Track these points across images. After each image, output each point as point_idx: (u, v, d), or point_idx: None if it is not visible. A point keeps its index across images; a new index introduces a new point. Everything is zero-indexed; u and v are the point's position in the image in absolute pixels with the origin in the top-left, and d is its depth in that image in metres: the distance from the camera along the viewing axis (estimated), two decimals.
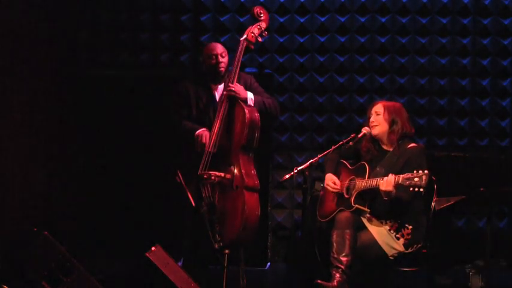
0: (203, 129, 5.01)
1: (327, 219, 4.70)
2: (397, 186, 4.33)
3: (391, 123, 4.68)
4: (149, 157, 6.30)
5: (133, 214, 6.31)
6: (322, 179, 4.92)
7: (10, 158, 5.48)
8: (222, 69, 5.09)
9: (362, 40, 6.76)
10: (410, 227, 4.55)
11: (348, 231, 4.44)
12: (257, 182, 4.98)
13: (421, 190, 4.22)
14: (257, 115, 5.00)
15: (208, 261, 5.19)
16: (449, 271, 5.64)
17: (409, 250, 4.54)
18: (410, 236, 4.53)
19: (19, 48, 5.64)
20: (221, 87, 5.13)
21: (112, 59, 6.73)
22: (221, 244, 4.80)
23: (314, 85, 6.78)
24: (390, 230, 4.54)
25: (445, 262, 5.63)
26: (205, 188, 4.92)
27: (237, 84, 5.03)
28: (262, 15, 5.13)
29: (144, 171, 6.33)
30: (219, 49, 5.10)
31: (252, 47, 5.12)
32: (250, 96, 5.06)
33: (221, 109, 5.00)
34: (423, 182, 4.18)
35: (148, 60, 6.76)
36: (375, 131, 4.71)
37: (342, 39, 6.76)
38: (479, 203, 5.75)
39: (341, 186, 4.74)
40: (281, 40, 6.77)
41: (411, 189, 4.23)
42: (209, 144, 4.96)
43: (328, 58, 6.77)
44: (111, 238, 6.24)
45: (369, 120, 4.75)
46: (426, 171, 4.21)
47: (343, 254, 4.40)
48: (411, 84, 6.77)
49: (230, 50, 5.22)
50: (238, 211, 4.82)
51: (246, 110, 4.94)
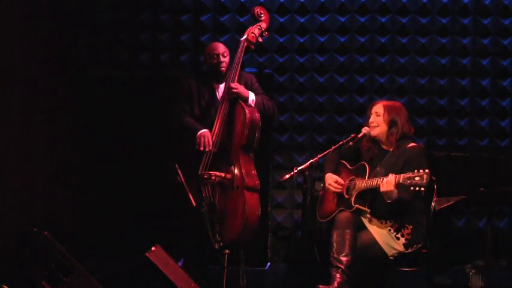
0: (205, 130, 5.02)
1: (327, 219, 4.69)
2: (398, 186, 4.33)
3: (391, 124, 4.67)
4: (149, 157, 6.30)
5: (133, 214, 6.31)
6: (322, 179, 4.92)
7: (10, 158, 5.48)
8: (223, 68, 5.11)
9: (362, 40, 6.76)
10: (410, 227, 4.55)
11: (348, 231, 4.44)
12: (257, 182, 4.99)
13: (422, 189, 4.22)
14: (258, 115, 5.01)
15: (208, 261, 5.20)
16: (449, 271, 5.63)
17: (409, 250, 4.54)
18: (410, 236, 4.53)
19: (19, 48, 5.64)
20: (222, 86, 5.15)
21: (112, 59, 6.74)
22: (221, 244, 4.80)
23: (314, 85, 6.78)
24: (390, 230, 4.53)
25: (445, 262, 5.62)
26: (205, 188, 4.93)
27: (238, 84, 5.05)
28: (262, 15, 5.16)
29: (145, 171, 6.33)
30: (221, 49, 5.12)
31: (253, 47, 5.16)
32: (252, 97, 5.08)
33: (222, 109, 5.01)
34: (424, 181, 4.18)
35: (148, 60, 6.76)
36: (374, 132, 4.71)
37: (342, 39, 6.76)
38: (479, 203, 5.75)
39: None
40: (281, 40, 6.77)
41: (412, 188, 4.23)
42: (210, 145, 4.97)
43: (328, 58, 6.77)
44: (111, 238, 6.24)
45: (369, 120, 4.75)
46: (427, 170, 4.21)
47: (343, 254, 4.40)
48: (411, 84, 6.77)
49: (230, 50, 5.24)
50: (238, 211, 4.82)
51: (247, 110, 4.95)
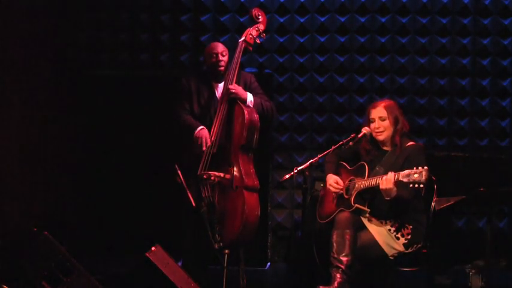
0: (202, 127, 5.02)
1: (327, 220, 4.69)
2: (398, 183, 4.33)
3: (395, 123, 4.66)
4: (149, 157, 6.30)
5: (133, 214, 6.31)
6: (322, 179, 4.92)
7: (10, 158, 5.48)
8: (222, 67, 5.14)
9: (362, 40, 6.76)
10: (410, 227, 4.55)
11: (348, 231, 4.44)
12: (257, 182, 4.99)
13: (421, 186, 4.21)
14: (256, 116, 5.03)
15: (208, 261, 5.20)
16: (449, 271, 5.64)
17: (409, 250, 4.54)
18: (410, 236, 4.53)
19: (19, 48, 5.64)
20: (221, 85, 5.17)
21: (112, 59, 6.74)
22: (221, 244, 4.80)
23: (314, 85, 6.78)
24: (390, 230, 4.53)
25: (445, 262, 5.63)
26: (205, 188, 4.94)
27: (237, 85, 5.06)
28: (260, 17, 5.19)
29: (144, 171, 6.33)
30: (220, 48, 5.16)
31: (251, 49, 5.23)
32: (250, 98, 5.09)
33: (221, 110, 5.02)
34: (423, 178, 4.18)
35: (148, 60, 6.76)
36: (382, 137, 4.66)
37: (342, 39, 6.76)
38: (479, 203, 5.75)
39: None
40: (281, 40, 6.77)
41: (411, 185, 4.22)
42: (208, 143, 4.97)
43: (328, 58, 6.77)
44: (111, 238, 6.24)
45: (369, 123, 4.71)
46: (426, 167, 4.21)
47: (343, 254, 4.40)
48: (411, 84, 6.77)
49: (230, 50, 5.25)
50: (238, 211, 4.83)
51: (246, 111, 4.96)
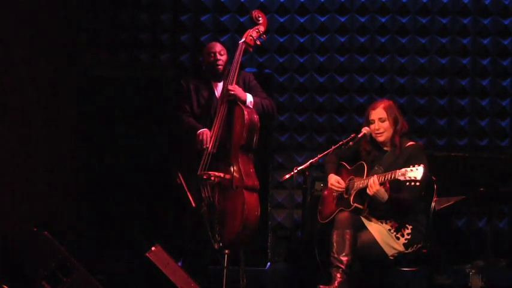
0: (204, 129, 5.04)
1: (327, 220, 4.69)
2: (394, 183, 4.33)
3: (395, 124, 4.66)
4: (149, 157, 6.30)
5: (133, 214, 6.31)
6: (322, 179, 4.92)
7: (10, 158, 5.48)
8: (220, 66, 5.16)
9: (362, 40, 6.76)
10: (410, 227, 4.55)
11: (348, 231, 4.43)
12: (257, 182, 4.99)
13: (418, 184, 4.19)
14: (256, 117, 5.03)
15: (208, 261, 5.20)
16: (449, 271, 5.64)
17: (409, 250, 4.54)
18: (410, 236, 4.53)
19: (19, 48, 5.64)
20: (221, 84, 5.18)
21: (112, 59, 6.74)
22: (221, 244, 4.80)
23: (314, 85, 6.78)
24: (390, 230, 4.53)
25: (445, 262, 5.63)
26: (205, 189, 4.94)
27: (236, 86, 5.06)
28: (260, 18, 5.22)
29: (144, 171, 6.33)
30: (218, 47, 5.19)
31: (251, 50, 5.26)
32: (249, 99, 5.10)
33: (220, 110, 5.03)
34: (419, 175, 4.16)
35: (148, 60, 6.76)
36: (382, 138, 4.66)
37: (342, 39, 6.77)
38: (479, 203, 5.76)
39: None
40: (281, 40, 6.78)
41: (407, 183, 4.22)
42: (209, 143, 4.98)
43: (328, 58, 6.78)
44: (111, 238, 6.24)
45: (369, 124, 4.71)
46: (422, 164, 4.19)
47: (343, 254, 4.39)
48: (411, 84, 6.77)
49: (230, 50, 5.27)
50: (237, 211, 4.83)
51: (245, 112, 4.97)
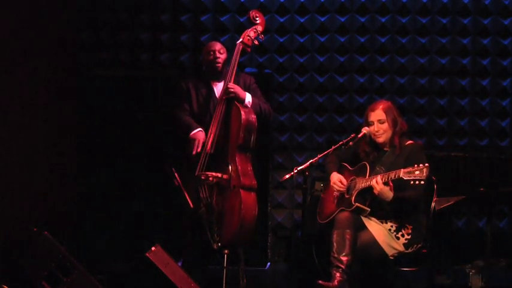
0: (199, 129, 5.04)
1: (327, 220, 4.69)
2: (398, 182, 4.34)
3: (394, 125, 4.66)
4: (149, 157, 6.30)
5: (133, 214, 6.31)
6: (322, 179, 4.91)
7: (10, 158, 5.48)
8: (219, 65, 5.17)
9: (362, 40, 6.76)
10: (410, 227, 4.55)
11: (348, 230, 4.43)
12: (254, 182, 4.98)
13: (422, 183, 4.22)
14: (254, 117, 5.04)
15: (208, 261, 5.20)
16: (449, 271, 5.64)
17: (409, 250, 4.54)
18: (410, 236, 4.53)
19: (19, 48, 5.64)
20: (220, 84, 5.18)
21: (112, 59, 6.74)
22: (220, 244, 4.80)
23: (314, 85, 6.78)
24: (390, 230, 4.53)
25: (445, 262, 5.63)
26: (203, 189, 4.94)
27: (235, 85, 5.07)
28: (258, 18, 5.24)
29: (144, 171, 6.33)
30: (217, 46, 5.22)
31: (249, 50, 5.27)
32: (248, 98, 5.11)
33: (218, 110, 5.04)
34: (424, 174, 4.19)
35: (148, 60, 6.76)
36: (381, 139, 4.67)
37: (342, 39, 6.76)
38: (479, 203, 5.76)
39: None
40: (281, 40, 6.77)
41: (412, 182, 4.24)
42: (206, 145, 4.98)
43: (328, 58, 6.77)
44: (111, 238, 6.24)
45: (368, 125, 4.71)
46: (426, 164, 4.22)
47: (343, 254, 4.39)
48: (411, 84, 6.77)
49: (230, 50, 5.27)
50: (235, 211, 4.83)
51: (243, 112, 4.97)
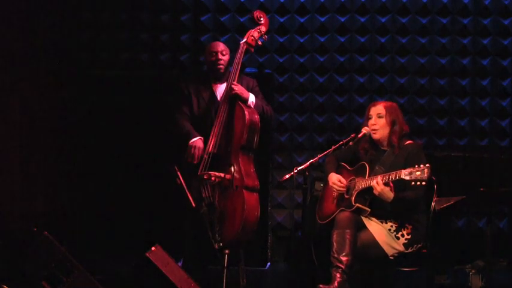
0: (197, 138, 5.04)
1: (327, 220, 4.69)
2: (399, 183, 4.34)
3: (392, 124, 4.67)
4: (149, 157, 6.30)
5: (133, 214, 6.31)
6: (322, 179, 4.91)
7: (10, 158, 5.49)
8: (221, 66, 5.16)
9: (362, 40, 6.76)
10: (410, 227, 4.55)
11: (348, 230, 4.43)
12: (257, 183, 5.00)
13: (423, 184, 4.22)
14: (257, 117, 5.04)
15: (208, 261, 5.20)
16: (449, 271, 5.64)
17: (409, 250, 4.54)
18: (410, 236, 4.53)
19: (19, 48, 5.65)
20: (222, 86, 5.17)
21: (112, 59, 6.74)
22: (221, 244, 4.80)
23: (314, 85, 6.78)
24: (390, 230, 4.53)
25: (445, 262, 5.62)
26: (205, 188, 4.94)
27: (239, 84, 5.08)
28: (262, 19, 5.25)
29: (144, 171, 6.33)
30: (220, 47, 5.20)
31: (252, 50, 5.29)
32: (251, 99, 5.11)
33: (221, 110, 5.04)
34: (425, 175, 4.19)
35: (148, 60, 6.76)
36: (377, 135, 4.68)
37: (342, 39, 6.76)
38: (479, 203, 5.75)
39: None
40: (281, 40, 6.77)
41: (413, 183, 4.24)
42: (209, 145, 4.98)
43: (328, 58, 6.77)
44: (111, 238, 6.24)
45: (368, 121, 4.73)
46: (428, 164, 4.23)
47: (343, 254, 4.39)
48: (411, 84, 6.77)
49: (230, 51, 5.27)
50: (237, 211, 4.83)
51: (246, 112, 4.97)
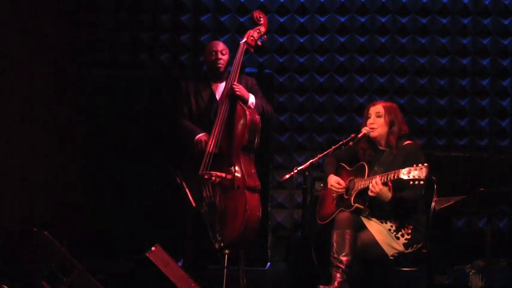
0: (202, 134, 5.04)
1: (327, 221, 4.69)
2: (397, 183, 4.34)
3: (391, 124, 4.68)
4: (149, 157, 6.30)
5: (133, 214, 6.31)
6: (322, 179, 4.91)
7: (10, 158, 5.49)
8: (221, 65, 5.16)
9: (362, 40, 6.76)
10: (410, 227, 4.55)
11: (348, 231, 4.43)
12: (258, 183, 5.01)
13: (422, 183, 4.22)
14: (258, 117, 5.04)
15: (208, 261, 5.20)
16: (449, 271, 5.64)
17: (409, 250, 4.54)
18: (410, 236, 4.53)
19: (19, 48, 5.64)
20: (221, 86, 5.18)
21: (112, 59, 6.74)
22: (221, 244, 4.80)
23: (314, 85, 6.78)
24: (390, 230, 4.53)
25: (445, 262, 5.62)
26: (206, 188, 4.94)
27: (240, 85, 5.08)
28: (261, 19, 5.25)
29: (145, 171, 6.33)
30: (220, 46, 5.20)
31: (252, 50, 5.29)
32: (252, 99, 5.12)
33: (222, 110, 5.03)
34: (423, 174, 4.19)
35: (148, 60, 6.76)
36: (375, 133, 4.69)
37: (342, 39, 6.77)
38: (479, 203, 5.75)
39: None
40: (281, 40, 6.77)
41: (411, 183, 4.23)
42: (210, 145, 4.98)
43: (328, 58, 6.77)
44: (111, 238, 6.24)
45: (367, 120, 4.74)
46: (426, 164, 4.22)
47: (343, 254, 4.39)
48: (411, 84, 6.77)
49: (230, 51, 5.28)
50: (239, 211, 4.83)
51: (247, 112, 4.98)
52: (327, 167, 4.85)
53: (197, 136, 5.05)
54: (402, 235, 4.53)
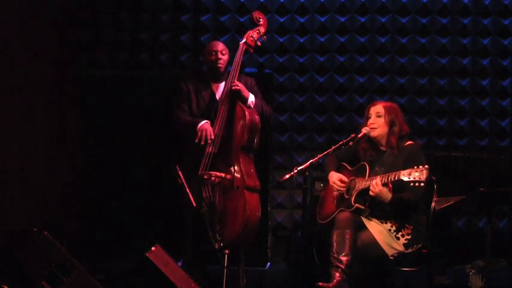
0: (205, 122, 5.02)
1: (327, 220, 4.69)
2: (398, 184, 4.34)
3: (391, 124, 4.68)
4: (149, 157, 6.30)
5: (133, 214, 6.30)
6: (322, 179, 4.91)
7: (10, 158, 5.48)
8: (221, 65, 5.16)
9: (362, 40, 6.76)
10: (410, 227, 4.55)
11: (348, 230, 4.44)
12: (258, 183, 5.01)
13: (422, 185, 4.22)
14: (257, 117, 5.05)
15: (208, 261, 5.20)
16: (449, 271, 5.64)
17: (409, 250, 4.55)
18: (410, 236, 4.54)
19: (19, 48, 5.64)
20: (221, 86, 5.18)
21: (112, 59, 6.74)
22: (221, 244, 4.81)
23: (314, 85, 6.78)
24: (390, 230, 4.53)
25: (445, 262, 5.62)
26: (205, 188, 4.94)
27: (240, 83, 5.08)
28: (261, 20, 5.26)
29: (145, 171, 6.32)
30: (220, 46, 5.19)
31: (252, 51, 5.30)
32: (251, 98, 5.11)
33: (222, 110, 5.03)
34: (424, 176, 4.19)
35: (148, 60, 6.76)
36: (375, 133, 4.70)
37: (342, 39, 6.76)
38: (479, 203, 5.75)
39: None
40: (281, 40, 6.77)
41: (412, 184, 4.24)
42: (215, 129, 4.98)
43: (328, 58, 6.77)
44: (111, 238, 6.24)
45: (367, 120, 4.74)
46: (426, 165, 4.22)
47: (343, 254, 4.40)
48: (411, 84, 6.77)
49: (230, 51, 5.28)
50: (239, 211, 4.83)
51: (247, 112, 4.98)
52: (328, 165, 4.85)
53: (200, 124, 5.03)
54: (402, 235, 4.53)
